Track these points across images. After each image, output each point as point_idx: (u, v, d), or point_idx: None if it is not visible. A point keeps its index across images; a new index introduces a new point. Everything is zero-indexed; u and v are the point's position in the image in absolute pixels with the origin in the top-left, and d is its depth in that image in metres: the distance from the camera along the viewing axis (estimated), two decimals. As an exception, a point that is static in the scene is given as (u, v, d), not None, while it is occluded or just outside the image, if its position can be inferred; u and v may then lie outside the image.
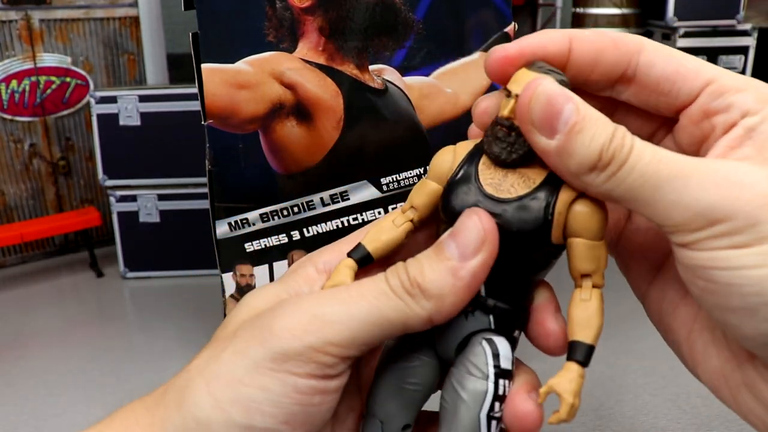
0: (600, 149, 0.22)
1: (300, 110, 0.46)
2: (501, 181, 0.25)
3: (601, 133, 0.22)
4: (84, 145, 0.82)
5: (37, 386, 0.55)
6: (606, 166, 0.22)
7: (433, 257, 0.24)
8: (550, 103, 0.23)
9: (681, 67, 0.25)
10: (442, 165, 0.27)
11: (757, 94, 0.23)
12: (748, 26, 1.03)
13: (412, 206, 0.27)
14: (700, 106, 0.24)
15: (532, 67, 0.24)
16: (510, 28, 0.46)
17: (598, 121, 0.23)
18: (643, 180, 0.22)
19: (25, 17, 0.76)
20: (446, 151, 0.27)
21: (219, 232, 0.49)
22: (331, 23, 0.45)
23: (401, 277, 0.24)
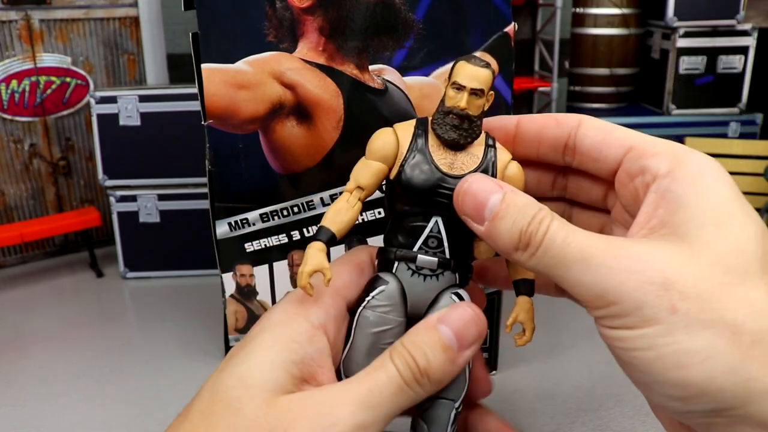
0: (519, 233, 0.26)
1: (300, 110, 0.46)
2: (453, 160, 0.30)
3: (521, 219, 0.26)
4: (84, 145, 0.82)
5: (37, 386, 0.55)
6: (526, 247, 0.26)
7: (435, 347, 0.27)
8: (477, 197, 0.27)
9: (608, 136, 0.29)
10: (386, 146, 0.31)
11: (670, 156, 0.26)
12: (748, 26, 1.03)
13: (358, 186, 0.31)
14: (624, 170, 0.28)
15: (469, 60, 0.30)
16: (510, 28, 0.46)
17: (521, 207, 0.27)
18: (555, 261, 0.25)
19: (25, 17, 0.76)
20: (386, 132, 0.31)
21: (219, 232, 0.49)
22: (331, 23, 0.45)
23: (413, 369, 0.27)
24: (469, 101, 0.29)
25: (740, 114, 1.04)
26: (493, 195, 0.27)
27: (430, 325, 0.28)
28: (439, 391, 0.29)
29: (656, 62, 1.11)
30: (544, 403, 0.51)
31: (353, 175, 0.31)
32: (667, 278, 0.23)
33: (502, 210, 0.27)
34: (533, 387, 0.53)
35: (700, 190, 0.25)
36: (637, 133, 0.29)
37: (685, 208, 0.25)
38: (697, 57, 1.04)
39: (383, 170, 0.31)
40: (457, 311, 0.28)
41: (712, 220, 0.24)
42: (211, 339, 0.61)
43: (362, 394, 0.26)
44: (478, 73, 0.29)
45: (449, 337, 0.28)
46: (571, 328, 0.60)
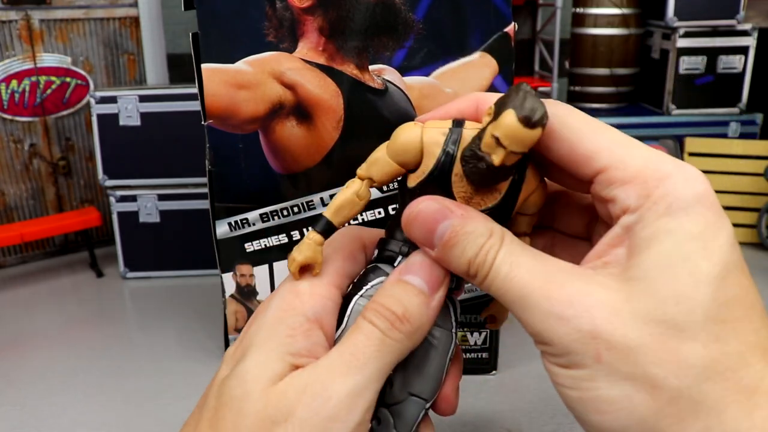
0: (468, 263, 0.26)
1: (300, 110, 0.46)
2: (472, 194, 0.28)
3: (470, 248, 0.26)
4: (84, 145, 0.82)
5: (37, 386, 0.55)
6: (475, 275, 0.26)
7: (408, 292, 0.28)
8: (426, 224, 0.27)
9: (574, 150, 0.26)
10: (408, 152, 0.28)
11: (641, 188, 0.25)
12: (748, 26, 1.03)
13: (371, 178, 0.29)
14: (595, 191, 0.27)
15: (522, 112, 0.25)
16: (510, 28, 0.46)
17: (469, 236, 0.26)
18: (499, 293, 0.26)
19: (25, 17, 0.76)
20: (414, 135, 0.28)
21: (219, 232, 0.49)
22: (331, 23, 0.45)
23: (389, 318, 0.27)
24: (506, 158, 0.26)
25: (740, 114, 1.04)
26: (443, 223, 0.27)
27: (395, 279, 0.28)
28: (413, 388, 0.29)
29: (656, 62, 1.11)
30: (544, 403, 0.51)
31: (369, 163, 0.29)
32: (597, 326, 0.23)
33: (451, 239, 0.26)
34: (533, 387, 0.53)
35: (662, 230, 0.24)
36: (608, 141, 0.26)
37: (641, 251, 0.24)
38: (697, 57, 1.04)
39: (399, 172, 0.29)
40: (414, 258, 0.28)
41: (665, 263, 0.23)
42: (211, 339, 0.61)
43: (346, 360, 0.27)
44: (525, 138, 0.25)
45: (419, 283, 0.28)
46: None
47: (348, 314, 0.29)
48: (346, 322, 0.29)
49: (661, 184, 0.24)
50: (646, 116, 1.07)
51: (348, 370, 0.26)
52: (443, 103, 0.31)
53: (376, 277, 0.30)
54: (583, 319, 0.24)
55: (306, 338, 0.28)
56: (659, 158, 0.25)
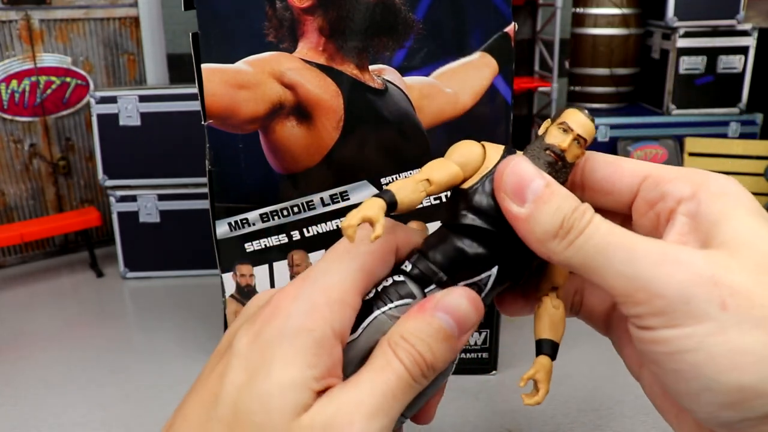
0: (562, 218, 0.25)
1: (300, 110, 0.46)
2: None
3: (565, 205, 0.25)
4: (84, 145, 0.82)
5: (37, 386, 0.55)
6: (567, 234, 0.25)
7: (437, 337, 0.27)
8: (521, 176, 0.26)
9: (618, 168, 0.29)
10: (472, 156, 0.29)
11: (688, 180, 0.26)
12: (748, 26, 1.03)
13: (428, 179, 0.28)
14: (642, 198, 0.28)
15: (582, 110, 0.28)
16: (510, 28, 0.46)
17: (564, 195, 0.26)
18: (596, 249, 0.25)
19: (25, 17, 0.76)
20: (474, 144, 0.29)
21: (219, 232, 0.49)
22: (331, 23, 0.45)
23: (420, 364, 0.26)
24: (570, 145, 0.27)
25: (740, 114, 1.04)
26: (537, 179, 0.26)
27: (427, 312, 0.27)
28: None
29: (656, 62, 1.11)
30: (544, 403, 0.51)
31: (426, 168, 0.29)
32: (715, 273, 0.22)
33: (546, 194, 0.26)
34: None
35: (727, 208, 0.25)
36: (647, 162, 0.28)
37: (718, 227, 0.24)
38: (697, 57, 1.04)
39: (459, 177, 0.28)
40: (452, 297, 0.27)
41: (748, 231, 0.24)
42: (211, 339, 0.61)
43: (376, 401, 0.26)
44: (587, 124, 0.28)
45: (450, 325, 0.27)
46: (571, 328, 0.60)
47: (365, 326, 0.28)
48: (360, 332, 0.28)
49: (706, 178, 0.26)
50: (646, 116, 1.07)
51: (377, 411, 0.25)
52: (443, 103, 0.31)
53: (402, 298, 0.28)
54: (700, 265, 0.23)
55: (330, 357, 0.26)
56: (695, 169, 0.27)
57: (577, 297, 0.33)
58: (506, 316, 0.35)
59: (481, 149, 0.29)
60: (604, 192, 0.29)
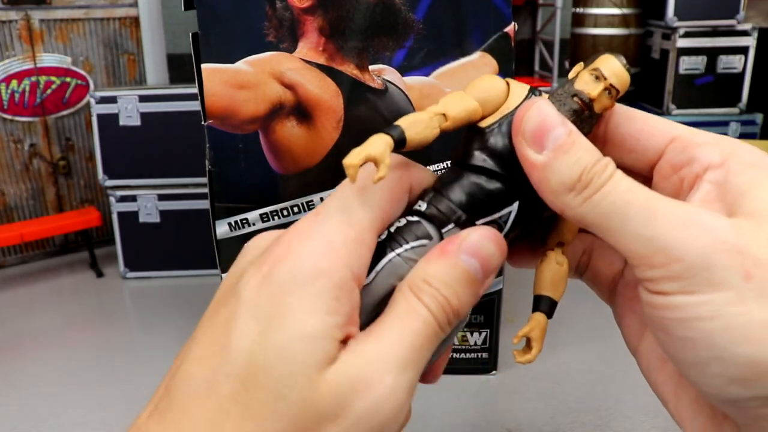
0: (582, 170, 0.24)
1: (300, 110, 0.46)
2: None
3: (586, 157, 0.24)
4: (84, 145, 0.82)
5: (37, 386, 0.55)
6: (584, 188, 0.24)
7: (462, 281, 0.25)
8: (543, 121, 0.24)
9: (645, 126, 0.27)
10: (493, 91, 0.27)
11: (719, 147, 0.25)
12: (748, 26, 1.03)
13: (444, 115, 0.27)
14: (668, 161, 0.26)
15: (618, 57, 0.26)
16: (510, 28, 0.46)
17: (586, 147, 0.24)
18: (614, 207, 0.23)
19: (25, 17, 0.76)
20: (498, 79, 0.27)
21: (219, 232, 0.49)
22: (331, 23, 0.45)
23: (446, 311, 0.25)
24: (600, 95, 0.26)
25: (740, 114, 1.04)
26: (559, 126, 0.24)
27: (451, 255, 0.25)
28: None
29: (656, 62, 1.11)
30: (544, 403, 0.51)
31: (442, 102, 0.27)
32: (740, 242, 0.21)
33: (567, 143, 0.24)
34: (533, 387, 0.53)
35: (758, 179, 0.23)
36: (677, 123, 0.27)
37: (746, 197, 0.23)
38: (697, 57, 1.04)
39: (477, 113, 0.27)
40: (476, 237, 0.25)
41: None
42: (211, 339, 0.61)
43: (405, 352, 0.24)
44: (622, 73, 0.26)
45: (475, 268, 0.25)
46: (572, 327, 0.60)
47: (379, 270, 0.26)
48: (374, 276, 0.26)
49: (738, 146, 0.24)
50: (646, 116, 1.07)
51: (407, 363, 0.24)
52: None
53: (418, 238, 0.26)
54: (725, 233, 0.21)
55: (349, 301, 0.24)
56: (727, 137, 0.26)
57: (584, 257, 0.31)
58: (506, 316, 0.35)
59: (505, 86, 0.27)
60: (627, 149, 0.27)
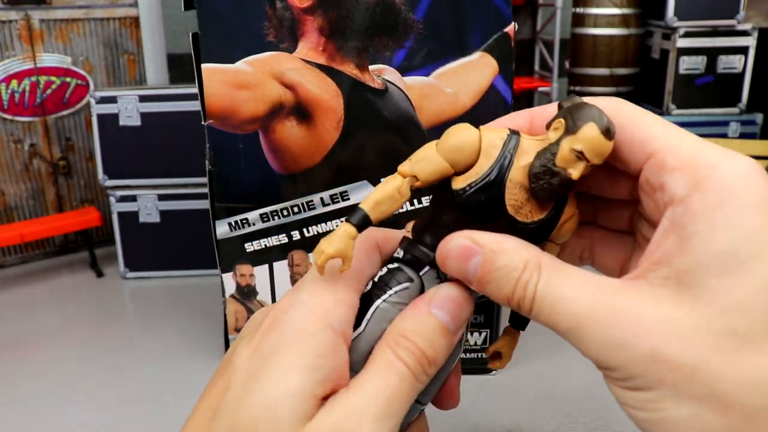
0: (507, 298, 0.25)
1: (300, 110, 0.46)
2: (522, 204, 0.27)
3: (506, 284, 0.25)
4: (84, 145, 0.82)
5: (37, 386, 0.55)
6: (519, 310, 0.25)
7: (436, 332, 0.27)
8: (458, 263, 0.26)
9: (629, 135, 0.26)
10: (464, 152, 0.27)
11: (690, 175, 0.23)
12: (748, 26, 1.03)
13: (415, 176, 0.27)
14: (646, 179, 0.26)
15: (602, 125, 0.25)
16: (510, 28, 0.46)
17: (503, 270, 0.25)
18: (548, 326, 0.25)
19: (25, 17, 0.76)
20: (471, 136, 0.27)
21: (219, 232, 0.49)
22: (331, 23, 0.45)
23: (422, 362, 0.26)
24: (585, 171, 0.26)
25: (740, 114, 1.04)
26: (473, 260, 0.26)
27: (423, 309, 0.27)
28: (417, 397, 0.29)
29: (656, 62, 1.11)
30: (544, 403, 0.51)
31: (415, 161, 0.28)
32: (656, 349, 0.22)
33: (484, 275, 0.26)
34: (533, 387, 0.53)
35: (713, 225, 0.22)
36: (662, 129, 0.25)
37: (692, 250, 0.22)
38: (697, 57, 1.04)
39: (448, 172, 0.27)
40: (444, 291, 0.28)
41: (720, 266, 0.22)
42: (211, 339, 0.61)
43: (381, 405, 0.25)
44: (605, 149, 0.25)
45: (446, 320, 0.27)
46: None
47: (368, 318, 0.28)
48: (365, 325, 0.28)
49: (712, 173, 0.23)
50: (646, 116, 1.07)
51: (382, 415, 0.25)
52: (443, 103, 0.30)
53: (399, 282, 0.28)
54: (640, 345, 0.22)
55: (335, 357, 0.26)
56: (712, 147, 0.24)
57: (585, 253, 0.32)
58: (506, 317, 0.36)
59: (476, 143, 0.27)
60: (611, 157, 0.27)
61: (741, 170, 0.23)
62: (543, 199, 0.27)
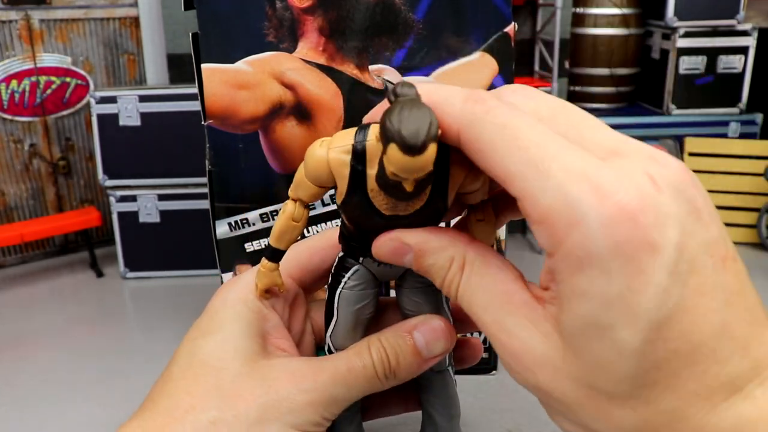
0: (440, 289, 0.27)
1: (300, 110, 0.46)
2: (395, 203, 0.26)
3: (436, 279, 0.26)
4: (84, 145, 0.82)
5: (37, 386, 0.55)
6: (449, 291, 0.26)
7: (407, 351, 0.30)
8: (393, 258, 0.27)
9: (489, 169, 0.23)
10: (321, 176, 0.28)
11: (551, 233, 0.21)
12: (748, 26, 1.03)
13: (300, 199, 0.30)
14: None
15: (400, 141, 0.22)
16: (510, 28, 0.46)
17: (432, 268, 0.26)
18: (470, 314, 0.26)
19: (25, 17, 0.76)
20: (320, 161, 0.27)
21: (219, 232, 0.49)
22: (331, 23, 0.45)
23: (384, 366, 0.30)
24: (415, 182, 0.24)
25: (740, 114, 1.04)
26: (405, 257, 0.27)
27: (407, 329, 0.30)
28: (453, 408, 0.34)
29: (656, 62, 1.11)
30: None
31: (295, 185, 0.29)
32: (540, 383, 0.23)
33: (419, 269, 0.27)
34: (533, 387, 0.53)
35: (574, 292, 0.21)
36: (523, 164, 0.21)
37: (562, 309, 0.22)
38: (697, 57, 1.04)
39: (323, 191, 0.29)
40: (433, 324, 0.30)
41: (585, 330, 0.21)
42: (211, 339, 0.61)
43: (341, 371, 0.29)
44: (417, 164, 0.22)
45: (421, 344, 0.30)
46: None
47: (336, 306, 0.31)
48: (337, 313, 0.31)
49: (571, 232, 0.20)
50: (646, 116, 1.07)
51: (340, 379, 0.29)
52: None
53: (349, 268, 0.31)
54: (528, 376, 0.24)
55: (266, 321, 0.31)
56: (575, 193, 0.20)
57: None
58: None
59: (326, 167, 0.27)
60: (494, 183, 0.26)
61: (605, 224, 0.20)
62: (403, 199, 0.26)
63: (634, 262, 0.20)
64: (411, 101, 0.23)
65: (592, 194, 0.20)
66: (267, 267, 0.31)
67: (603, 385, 0.22)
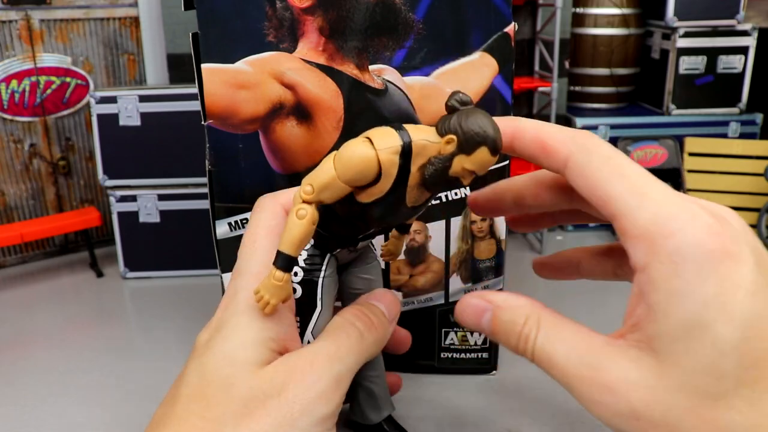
0: (514, 348, 0.28)
1: (300, 110, 0.46)
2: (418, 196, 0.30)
3: (511, 338, 0.28)
4: (84, 145, 0.82)
5: (37, 386, 0.55)
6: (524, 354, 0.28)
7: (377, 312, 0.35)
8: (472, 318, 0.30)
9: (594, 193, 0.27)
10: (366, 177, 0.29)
11: (648, 245, 0.24)
12: (748, 26, 1.03)
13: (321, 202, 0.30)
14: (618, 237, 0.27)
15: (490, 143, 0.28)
16: (510, 28, 0.46)
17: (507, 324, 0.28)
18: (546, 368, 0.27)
19: (25, 17, 0.76)
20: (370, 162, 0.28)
21: (219, 232, 0.49)
22: (331, 23, 0.45)
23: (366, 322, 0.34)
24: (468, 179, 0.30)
25: (740, 114, 1.04)
26: (484, 317, 0.29)
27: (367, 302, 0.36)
28: None
29: (656, 62, 1.11)
30: (544, 403, 0.51)
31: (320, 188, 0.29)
32: (636, 409, 0.24)
33: (493, 330, 0.29)
34: (533, 387, 0.53)
35: (673, 294, 0.23)
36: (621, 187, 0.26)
37: (657, 320, 0.23)
38: (697, 57, 1.04)
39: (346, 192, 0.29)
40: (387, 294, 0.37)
41: (684, 333, 0.23)
42: (211, 339, 0.61)
43: (331, 351, 0.31)
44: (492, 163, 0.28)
45: (384, 310, 0.36)
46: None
47: (320, 295, 0.33)
48: (320, 302, 0.34)
49: (667, 242, 0.24)
50: (646, 116, 1.07)
51: (332, 359, 0.31)
52: (443, 103, 0.30)
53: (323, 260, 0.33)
54: (621, 404, 0.24)
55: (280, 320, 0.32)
56: (670, 211, 0.24)
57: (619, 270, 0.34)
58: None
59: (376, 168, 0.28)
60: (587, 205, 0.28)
61: (697, 235, 0.23)
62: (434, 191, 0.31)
63: (724, 268, 0.23)
64: (474, 109, 0.28)
65: (685, 213, 0.24)
66: (282, 279, 0.29)
67: (706, 386, 0.22)
